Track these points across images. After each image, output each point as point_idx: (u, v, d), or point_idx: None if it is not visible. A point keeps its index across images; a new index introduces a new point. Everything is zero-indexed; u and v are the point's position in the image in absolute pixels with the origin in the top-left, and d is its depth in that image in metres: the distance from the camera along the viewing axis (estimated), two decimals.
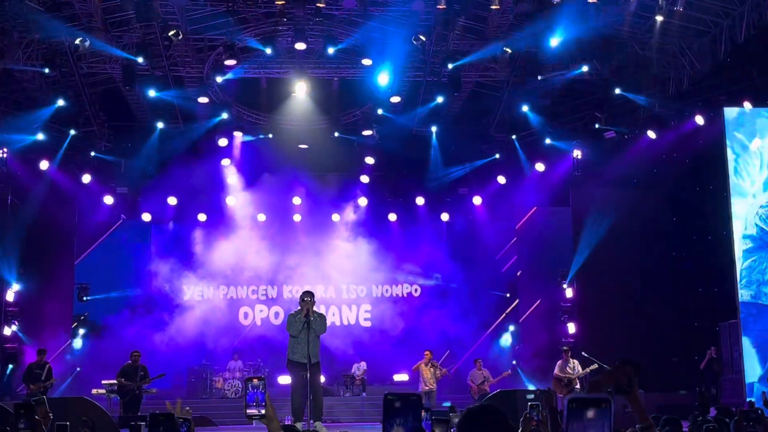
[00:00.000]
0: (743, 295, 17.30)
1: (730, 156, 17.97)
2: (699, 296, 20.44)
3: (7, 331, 20.00)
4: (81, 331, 22.18)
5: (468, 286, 23.75)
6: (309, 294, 12.29)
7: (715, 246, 19.22)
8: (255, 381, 4.12)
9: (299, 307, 12.25)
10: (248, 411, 4.11)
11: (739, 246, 17.51)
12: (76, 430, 7.45)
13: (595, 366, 16.89)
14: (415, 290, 24.52)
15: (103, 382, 17.54)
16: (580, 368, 17.32)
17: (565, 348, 18.21)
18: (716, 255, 18.98)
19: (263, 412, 4.09)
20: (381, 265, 23.75)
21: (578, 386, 17.09)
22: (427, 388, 18.00)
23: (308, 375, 11.87)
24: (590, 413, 2.74)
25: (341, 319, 23.93)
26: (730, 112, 18.29)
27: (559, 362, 17.64)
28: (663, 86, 20.03)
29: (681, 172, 20.61)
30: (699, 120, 19.12)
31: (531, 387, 20.00)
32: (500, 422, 3.46)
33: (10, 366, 19.56)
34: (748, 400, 15.68)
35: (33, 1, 16.77)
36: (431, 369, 18.28)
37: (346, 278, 23.76)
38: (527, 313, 23.35)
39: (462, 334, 23.08)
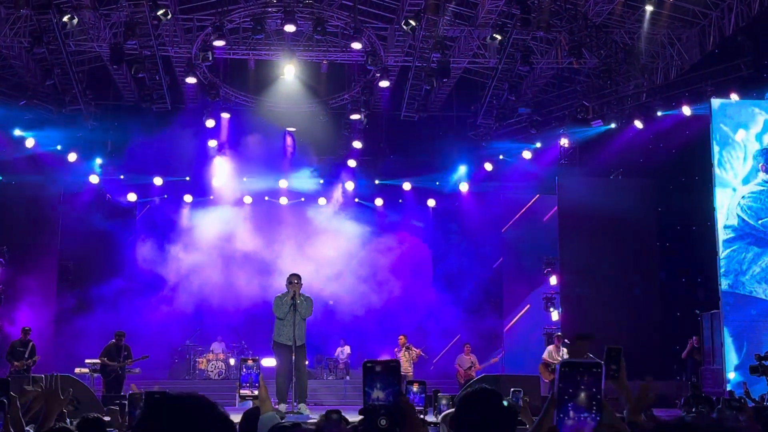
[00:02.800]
0: (722, 284, 17.43)
1: (715, 147, 18.05)
2: (681, 286, 20.60)
3: None
4: (64, 311, 22.06)
5: (453, 273, 23.81)
6: (296, 276, 12.33)
7: (698, 236, 19.35)
8: (250, 362, 4.15)
9: (286, 290, 12.28)
10: (241, 391, 4.15)
11: (720, 236, 17.63)
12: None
13: (586, 355, 16.97)
14: (401, 275, 24.55)
15: (87, 361, 17.51)
16: (567, 356, 17.42)
17: (558, 335, 18.28)
18: (699, 245, 19.10)
19: (256, 393, 4.12)
20: (366, 250, 23.78)
21: None
22: (403, 371, 18.06)
23: (293, 357, 11.93)
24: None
25: (325, 302, 23.94)
26: (716, 104, 18.36)
27: (550, 348, 17.70)
28: (651, 76, 20.10)
29: (667, 163, 20.70)
30: (686, 111, 19.19)
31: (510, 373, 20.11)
32: (497, 404, 3.50)
33: None
34: (728, 389, 15.85)
35: None
36: (407, 353, 18.39)
37: (332, 262, 23.74)
38: (511, 300, 23.46)
39: (446, 319, 23.16)
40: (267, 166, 23.00)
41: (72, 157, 21.57)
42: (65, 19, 17.60)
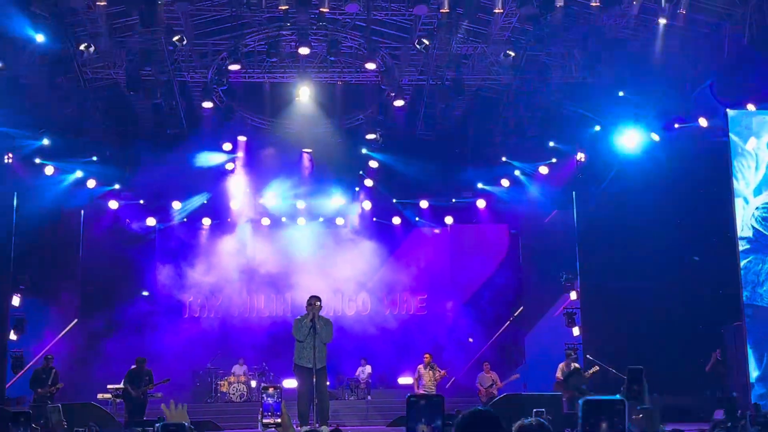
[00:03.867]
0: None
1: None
2: (703, 299, 20.41)
3: (13, 336, 20.02)
4: (86, 337, 22.14)
5: (472, 290, 23.77)
6: (316, 298, 12.36)
7: (718, 248, 19.20)
8: (270, 390, 4.18)
9: (306, 312, 12.30)
10: (264, 420, 4.17)
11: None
12: None
13: (597, 369, 16.88)
14: (420, 294, 24.54)
15: (109, 386, 17.61)
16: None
17: (568, 351, 18.20)
18: (720, 257, 18.96)
19: (279, 420, 4.14)
20: (385, 268, 23.79)
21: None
22: (425, 391, 17.99)
23: (314, 379, 11.93)
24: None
25: (345, 322, 23.94)
26: (732, 114, 18.28)
27: (561, 365, 17.59)
28: (666, 89, 20.02)
29: (684, 174, 20.58)
30: (702, 122, 19.11)
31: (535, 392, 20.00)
32: (495, 426, 3.49)
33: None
34: (753, 402, 15.70)
35: (37, 7, 16.80)
36: (430, 372, 18.31)
37: (350, 281, 23.77)
38: (531, 317, 23.36)
39: (465, 336, 23.10)
40: (284, 187, 23.10)
41: (91, 183, 21.75)
42: (82, 47, 17.80)
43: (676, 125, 19.87)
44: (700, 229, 20.28)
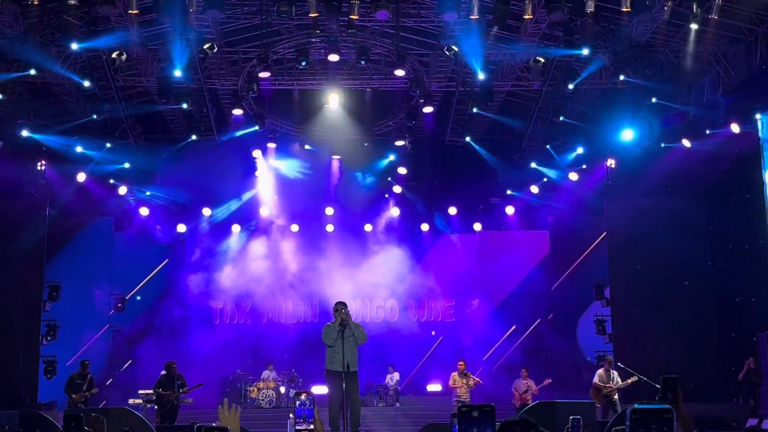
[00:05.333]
0: None
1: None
2: (736, 306, 20.19)
3: (48, 340, 20.25)
4: (118, 342, 22.31)
5: (502, 296, 23.70)
6: (342, 304, 12.41)
7: (751, 255, 19.01)
8: (303, 397, 4.17)
9: (334, 318, 12.34)
10: (297, 427, 4.17)
11: None
12: None
13: (635, 378, 16.72)
14: (448, 301, 24.50)
15: (140, 392, 17.73)
16: (619, 380, 17.15)
17: (607, 358, 18.05)
18: (753, 264, 18.76)
19: (311, 427, 4.14)
20: (413, 275, 23.77)
21: (616, 397, 16.93)
22: (461, 399, 17.94)
23: (344, 384, 11.94)
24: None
25: (373, 329, 23.93)
26: (763, 119, 18.10)
27: (600, 372, 17.47)
28: (698, 94, 19.87)
29: (716, 181, 20.40)
30: (734, 128, 18.91)
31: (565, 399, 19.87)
32: None
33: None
34: None
35: (71, 15, 16.99)
36: (464, 379, 18.24)
37: (379, 288, 23.77)
38: (561, 323, 23.24)
39: (494, 342, 23.02)
40: (313, 193, 23.18)
41: (122, 190, 21.95)
42: (114, 55, 17.99)
43: (708, 131, 19.69)
44: (733, 236, 20.09)
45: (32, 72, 17.65)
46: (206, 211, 23.27)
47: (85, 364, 17.33)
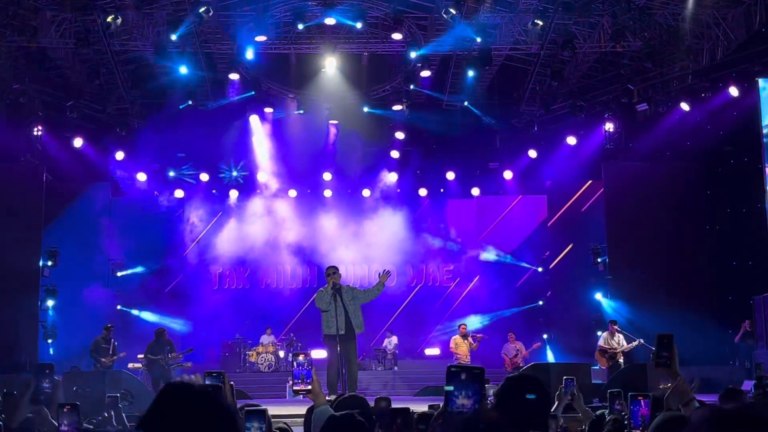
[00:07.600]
0: None
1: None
2: (733, 269, 20.27)
3: (49, 303, 20.37)
4: (118, 307, 22.37)
5: (499, 261, 23.74)
6: (333, 268, 12.50)
7: (748, 219, 19.04)
8: (300, 358, 4.19)
9: (326, 284, 12.42)
10: (295, 387, 4.19)
11: None
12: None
13: (639, 342, 16.80)
14: (446, 265, 24.54)
15: (139, 356, 17.85)
16: (625, 342, 17.21)
17: (612, 321, 18.09)
18: (750, 228, 18.80)
19: (309, 387, 4.17)
20: (411, 240, 23.78)
21: (621, 360, 16.99)
22: (462, 363, 18.04)
23: (339, 347, 12.03)
24: None
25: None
26: (763, 83, 18.02)
27: (605, 334, 17.51)
28: (696, 58, 19.78)
29: (715, 145, 20.37)
30: (733, 91, 18.86)
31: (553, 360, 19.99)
32: (539, 389, 3.49)
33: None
34: None
35: None
36: (467, 342, 18.33)
37: (376, 253, 23.78)
38: (558, 287, 23.30)
39: (492, 308, 23.10)
40: (311, 158, 23.11)
41: (119, 155, 21.87)
42: (109, 19, 17.87)
43: (705, 94, 19.62)
44: (731, 199, 20.11)
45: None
46: (204, 177, 23.22)
47: (108, 328, 17.42)
